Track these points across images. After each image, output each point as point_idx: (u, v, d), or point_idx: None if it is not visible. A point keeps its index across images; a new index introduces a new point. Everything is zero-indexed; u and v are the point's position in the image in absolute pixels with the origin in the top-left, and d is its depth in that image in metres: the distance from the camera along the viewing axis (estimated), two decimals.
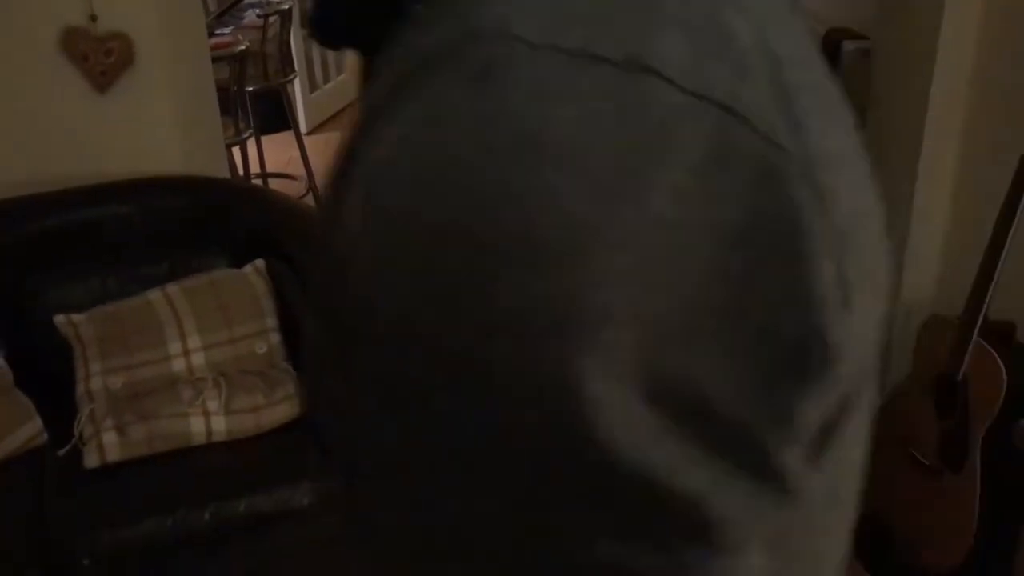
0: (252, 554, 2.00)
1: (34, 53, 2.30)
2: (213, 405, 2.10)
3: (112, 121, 2.41)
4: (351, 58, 6.13)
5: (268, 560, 2.03)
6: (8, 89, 2.31)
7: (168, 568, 1.90)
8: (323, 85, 5.80)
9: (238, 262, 2.35)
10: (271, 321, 2.28)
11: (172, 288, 2.27)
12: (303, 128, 5.25)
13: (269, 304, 2.29)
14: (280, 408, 2.14)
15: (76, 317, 2.20)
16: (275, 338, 2.28)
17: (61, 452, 2.05)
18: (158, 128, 2.46)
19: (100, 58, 2.32)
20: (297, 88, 5.40)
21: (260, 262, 2.33)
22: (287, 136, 4.77)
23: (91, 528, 1.87)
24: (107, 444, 2.01)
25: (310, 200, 4.43)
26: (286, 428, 2.13)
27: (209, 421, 2.08)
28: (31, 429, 2.11)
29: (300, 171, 4.65)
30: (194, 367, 2.19)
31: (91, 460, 2.00)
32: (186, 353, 2.20)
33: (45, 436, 2.11)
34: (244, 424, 2.10)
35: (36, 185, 2.33)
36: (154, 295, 2.26)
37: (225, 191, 2.46)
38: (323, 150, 5.01)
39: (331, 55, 5.89)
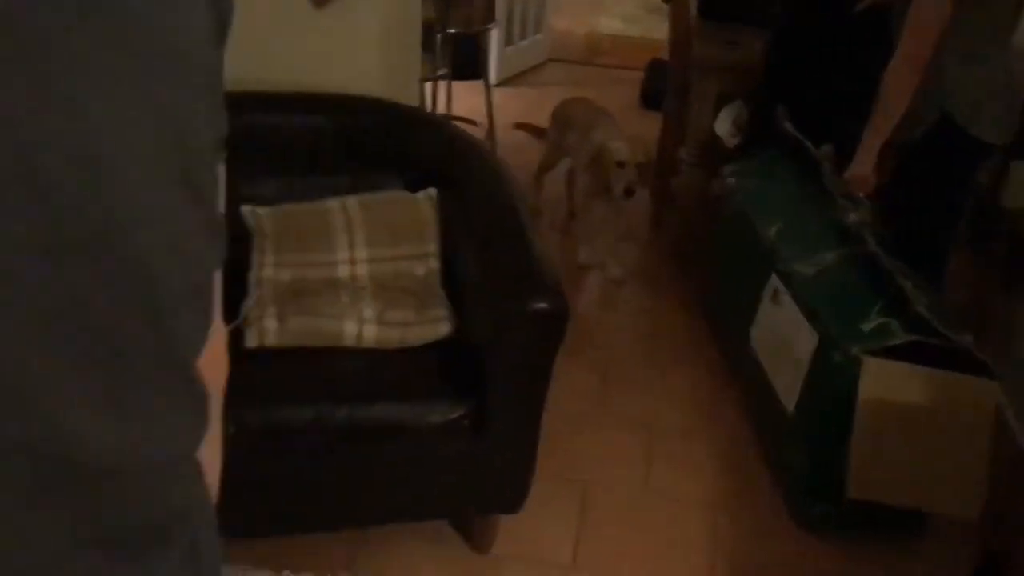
0: (379, 458, 2.11)
1: None
2: (368, 313, 2.22)
3: (323, 36, 2.55)
4: (551, 20, 6.13)
5: (394, 468, 2.15)
6: None
7: (299, 455, 2.04)
8: (518, 41, 5.89)
9: (413, 188, 2.46)
10: (433, 247, 2.38)
11: (350, 199, 2.40)
12: (492, 79, 5.37)
13: (433, 231, 2.39)
14: (428, 328, 2.24)
15: (260, 210, 2.36)
16: (434, 263, 2.37)
17: (227, 327, 2.22)
18: (364, 49, 2.58)
19: None
20: (494, 39, 5.51)
21: (433, 191, 2.43)
22: (476, 85, 4.89)
23: (241, 401, 2.02)
24: (267, 329, 2.16)
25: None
26: (429, 348, 2.23)
27: (362, 327, 2.20)
28: None
29: (482, 119, 4.76)
30: (357, 275, 2.31)
31: (251, 340, 2.16)
32: (352, 261, 2.33)
33: None
34: (391, 335, 2.21)
35: (246, 84, 2.49)
36: (333, 203, 2.39)
37: (414, 119, 2.57)
38: (506, 103, 5.11)
39: (532, 11, 5.97)
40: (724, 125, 3.55)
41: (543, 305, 2.02)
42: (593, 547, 2.43)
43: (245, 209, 2.35)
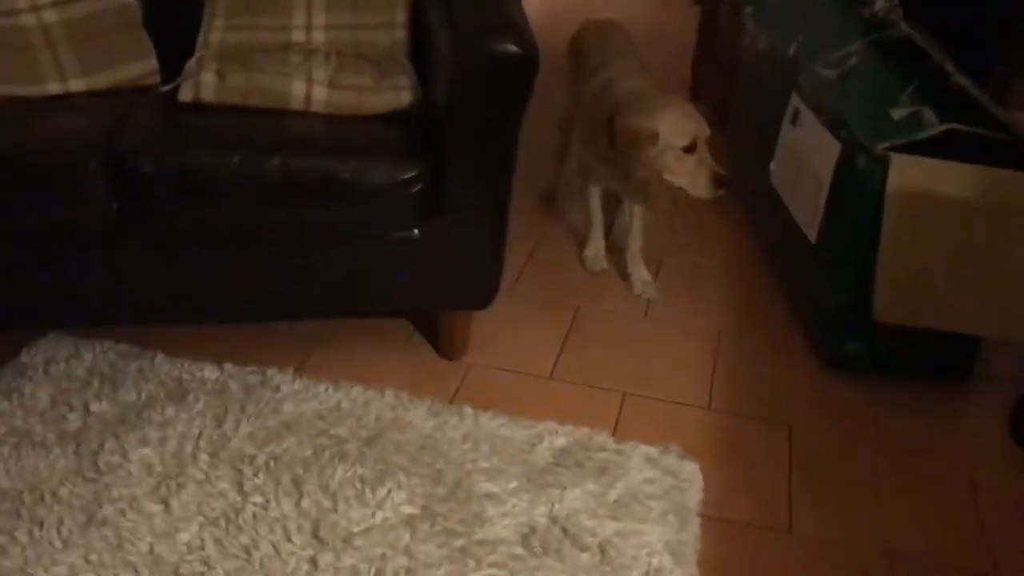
0: (321, 225, 1.87)
1: None
2: (319, 75, 1.97)
3: None
4: None
5: (341, 242, 1.91)
6: None
7: (223, 207, 1.81)
8: None
9: None
10: (401, 17, 2.12)
11: None
12: None
13: (403, 1, 2.13)
14: (387, 95, 1.99)
15: None
16: (400, 34, 2.11)
17: (164, 88, 2.01)
18: None
19: None
20: None
21: None
22: None
23: (163, 148, 1.81)
24: (204, 83, 1.94)
25: None
26: (389, 118, 1.97)
27: (311, 88, 1.96)
28: (145, 67, 2.09)
29: None
30: (312, 41, 2.07)
31: (185, 94, 1.94)
32: (308, 28, 2.08)
33: (158, 78, 2.08)
34: (345, 100, 1.97)
35: None
36: None
37: None
38: None
39: None
40: None
41: (511, 47, 1.75)
42: (575, 362, 2.15)
43: None
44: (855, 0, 2.45)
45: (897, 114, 2.01)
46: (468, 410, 1.94)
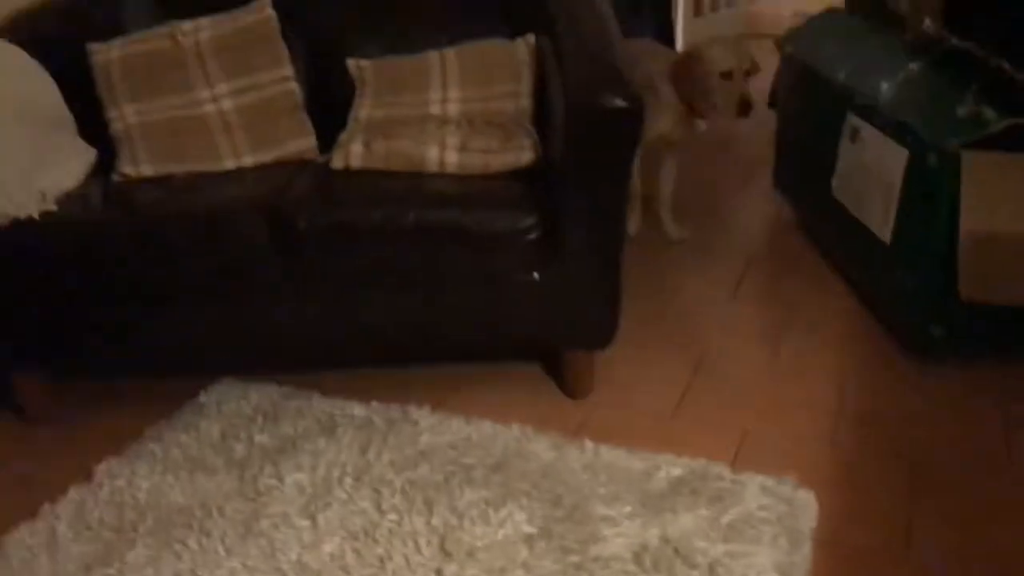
0: (451, 272, 2.07)
1: None
2: (452, 140, 2.20)
3: None
4: (743, 1, 5.94)
5: (469, 287, 2.09)
6: None
7: (371, 253, 2.04)
8: (708, 12, 5.77)
9: (512, 38, 2.43)
10: (525, 87, 2.34)
11: (449, 50, 2.42)
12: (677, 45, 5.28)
13: (528, 72, 2.35)
14: (511, 154, 2.19)
15: (363, 62, 2.44)
16: (525, 102, 2.33)
17: (320, 159, 2.30)
18: None
19: None
20: (680, 5, 5.43)
21: (531, 36, 2.40)
22: None
23: (315, 207, 2.07)
24: (352, 152, 2.20)
25: None
26: (513, 175, 2.17)
27: (444, 152, 2.18)
28: (305, 143, 2.39)
29: None
30: (447, 112, 2.32)
31: (336, 162, 2.21)
32: (444, 101, 2.34)
33: (316, 152, 2.37)
34: (474, 161, 2.18)
35: None
36: (431, 53, 2.43)
37: None
38: None
39: None
40: None
41: (617, 101, 1.91)
42: (698, 400, 2.22)
43: (350, 62, 2.44)
44: (895, 26, 2.60)
45: (961, 112, 2.13)
46: (589, 443, 2.04)
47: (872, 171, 2.41)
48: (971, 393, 2.21)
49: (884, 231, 2.34)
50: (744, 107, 2.67)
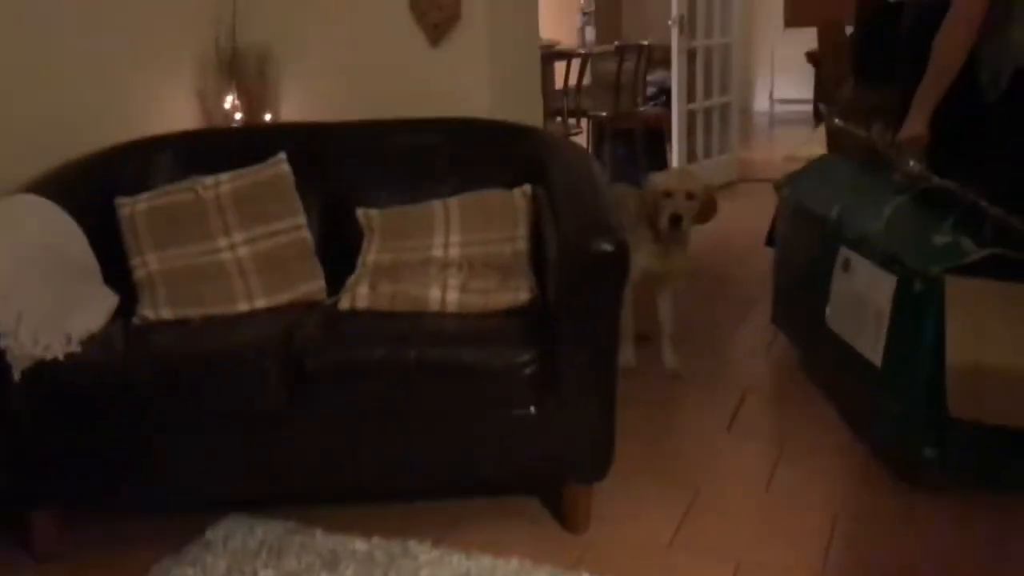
0: (451, 408, 2.16)
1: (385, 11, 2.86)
2: (452, 282, 2.34)
3: (438, 71, 2.87)
4: (736, 149, 6.25)
5: (469, 422, 2.18)
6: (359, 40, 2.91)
7: (374, 389, 2.14)
8: (701, 159, 6.03)
9: (511, 187, 2.61)
10: (522, 231, 2.50)
11: (451, 200, 2.60)
12: None
13: (524, 219, 2.52)
14: (509, 294, 2.32)
15: (372, 211, 2.61)
16: (522, 245, 2.48)
17: (328, 300, 2.44)
18: (475, 81, 2.86)
19: (434, 12, 2.80)
20: (675, 153, 5.71)
21: (528, 186, 2.57)
22: None
23: (322, 346, 2.19)
24: (359, 294, 2.34)
25: None
26: (511, 314, 2.29)
27: (445, 293, 2.32)
28: (314, 286, 2.53)
29: None
30: (449, 255, 2.47)
31: (343, 304, 2.35)
32: (446, 245, 2.49)
33: (324, 293, 2.51)
34: (474, 300, 2.31)
35: (371, 114, 2.84)
36: (435, 203, 2.60)
37: (513, 131, 2.77)
38: None
39: (716, 139, 6.14)
40: None
41: (605, 246, 2.05)
42: (694, 533, 2.27)
43: (359, 211, 2.61)
44: (884, 168, 2.80)
45: (940, 241, 2.30)
46: (585, 574, 2.08)
47: (863, 299, 2.55)
48: (962, 523, 2.25)
49: (875, 355, 2.45)
50: (673, 220, 2.99)
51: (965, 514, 2.29)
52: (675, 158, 5.74)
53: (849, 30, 4.90)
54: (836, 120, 3.49)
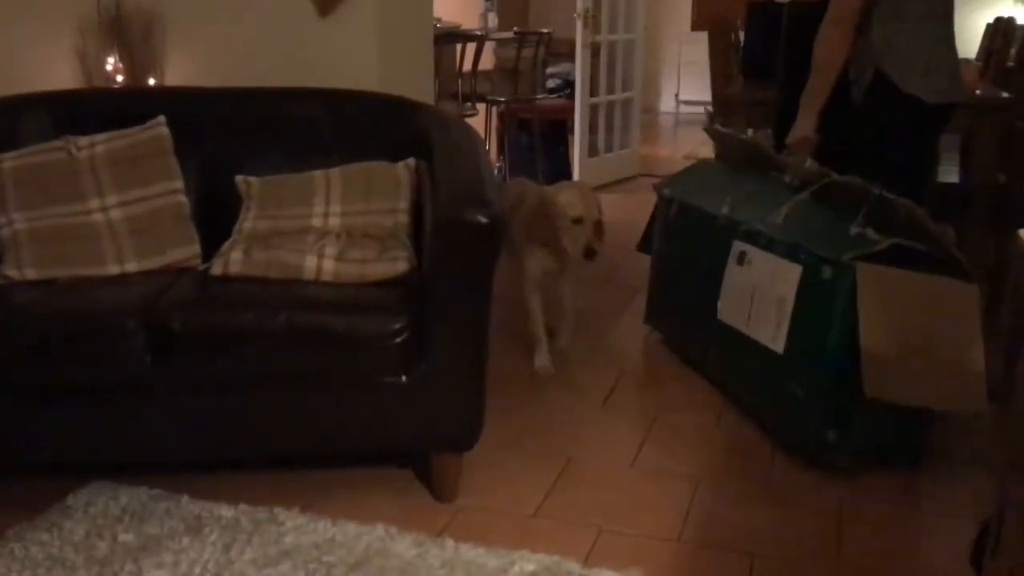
0: (322, 375, 2.16)
1: None
2: (329, 251, 2.34)
3: (326, 40, 2.85)
4: (637, 144, 6.36)
5: (341, 388, 2.19)
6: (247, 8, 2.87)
7: (243, 355, 2.13)
8: (603, 153, 6.13)
9: (396, 161, 2.62)
10: (404, 204, 2.51)
11: (333, 169, 2.59)
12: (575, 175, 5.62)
13: (407, 191, 2.52)
14: (386, 264, 2.33)
15: (251, 179, 2.58)
16: (403, 217, 2.49)
17: (201, 266, 2.40)
18: (363, 53, 2.86)
19: None
20: (576, 146, 5.80)
21: (412, 160, 2.58)
22: None
23: (190, 306, 2.17)
24: (232, 259, 2.32)
25: None
26: (387, 284, 2.30)
27: (322, 262, 2.32)
28: (189, 251, 2.49)
29: None
30: (328, 225, 2.46)
31: (215, 269, 2.32)
32: (326, 215, 2.48)
33: (199, 259, 2.48)
34: (350, 270, 2.31)
35: (259, 82, 2.81)
36: (317, 172, 2.58)
37: (399, 105, 2.78)
38: None
39: (618, 135, 6.25)
40: None
41: (480, 217, 2.08)
42: (559, 503, 2.32)
43: (238, 178, 2.58)
44: (771, 170, 2.89)
45: (852, 231, 2.39)
46: (450, 542, 2.11)
47: (761, 290, 2.61)
48: (824, 493, 2.36)
49: (777, 343, 2.51)
50: (588, 252, 2.89)
51: (835, 486, 2.39)
52: (577, 151, 5.82)
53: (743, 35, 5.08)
54: (717, 126, 3.61)
